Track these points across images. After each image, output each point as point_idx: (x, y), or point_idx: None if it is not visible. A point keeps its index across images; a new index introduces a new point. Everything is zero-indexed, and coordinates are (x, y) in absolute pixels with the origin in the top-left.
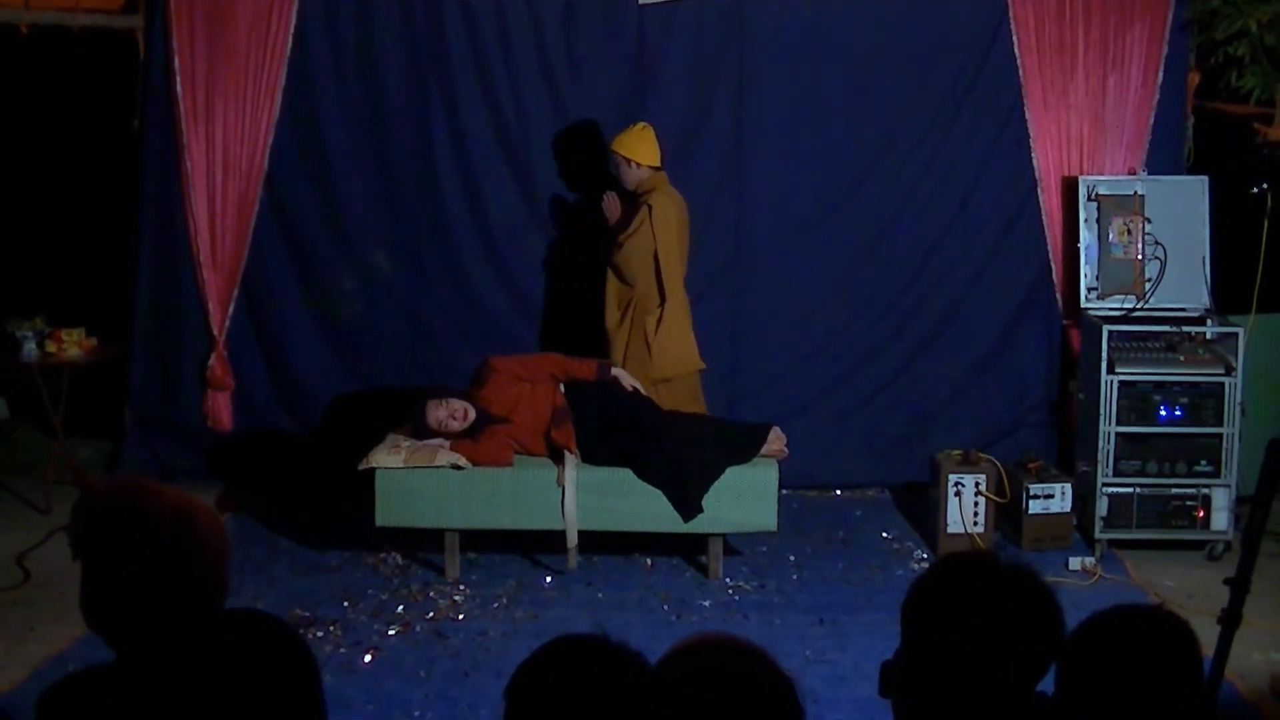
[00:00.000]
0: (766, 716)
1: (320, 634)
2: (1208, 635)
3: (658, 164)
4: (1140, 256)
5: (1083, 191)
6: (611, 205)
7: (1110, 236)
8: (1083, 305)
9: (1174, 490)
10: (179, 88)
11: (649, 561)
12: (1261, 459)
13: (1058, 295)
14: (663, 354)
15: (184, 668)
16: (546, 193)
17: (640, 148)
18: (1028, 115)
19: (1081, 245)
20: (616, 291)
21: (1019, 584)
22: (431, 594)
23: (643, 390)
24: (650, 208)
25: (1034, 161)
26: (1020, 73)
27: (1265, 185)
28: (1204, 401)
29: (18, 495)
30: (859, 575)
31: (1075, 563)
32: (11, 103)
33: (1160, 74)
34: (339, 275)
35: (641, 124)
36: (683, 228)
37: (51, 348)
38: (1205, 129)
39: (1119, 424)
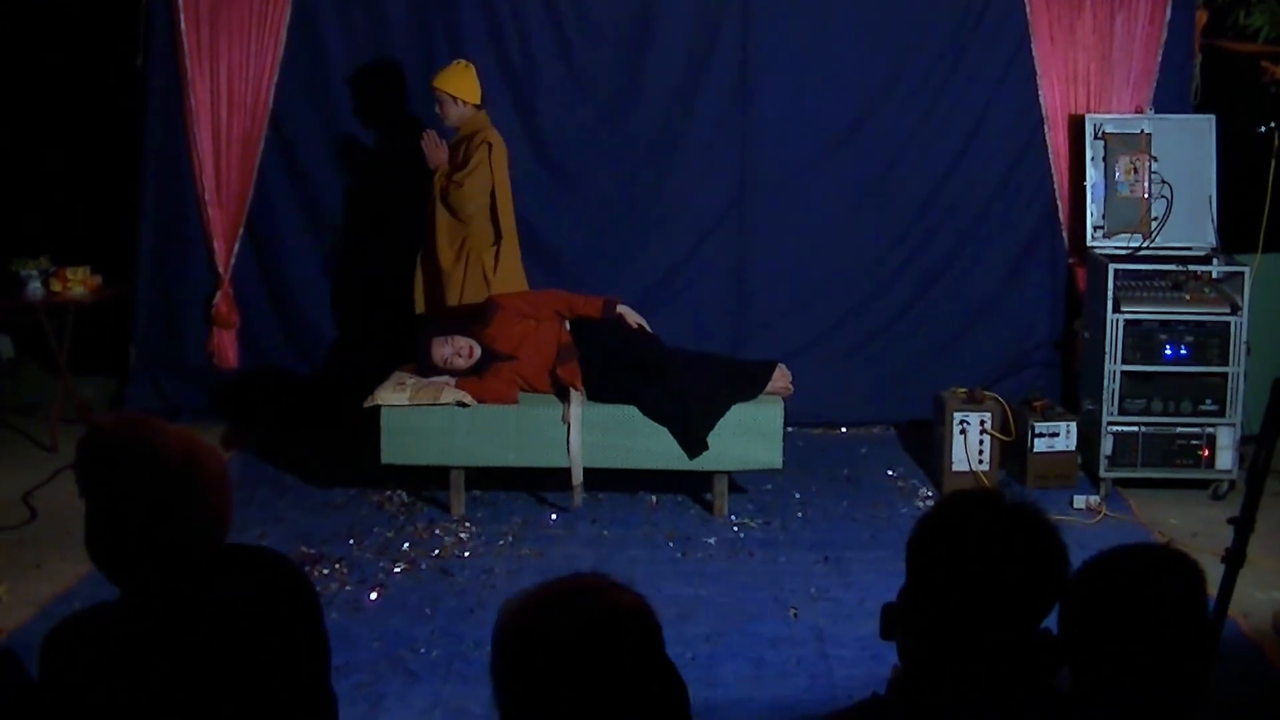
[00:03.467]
0: (615, 644)
1: (326, 571)
2: (1212, 574)
3: (480, 102)
4: (1146, 195)
5: (1089, 129)
6: (432, 144)
7: (1116, 175)
8: (1088, 244)
9: (1179, 429)
10: (183, 25)
11: (654, 499)
12: (1267, 398)
13: (1063, 233)
14: (505, 284)
15: (188, 604)
16: (551, 129)
17: (465, 85)
18: (1034, 53)
19: (1087, 183)
20: (449, 229)
21: (1023, 521)
22: (437, 531)
23: (648, 327)
24: (490, 145)
25: (1040, 99)
26: (1027, 10)
27: (1272, 124)
28: (1209, 340)
29: (23, 434)
30: (864, 513)
31: (1080, 501)
32: (14, 40)
33: (1168, 12)
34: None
35: (463, 61)
36: None
37: (56, 286)
38: (1212, 67)
39: (1124, 363)
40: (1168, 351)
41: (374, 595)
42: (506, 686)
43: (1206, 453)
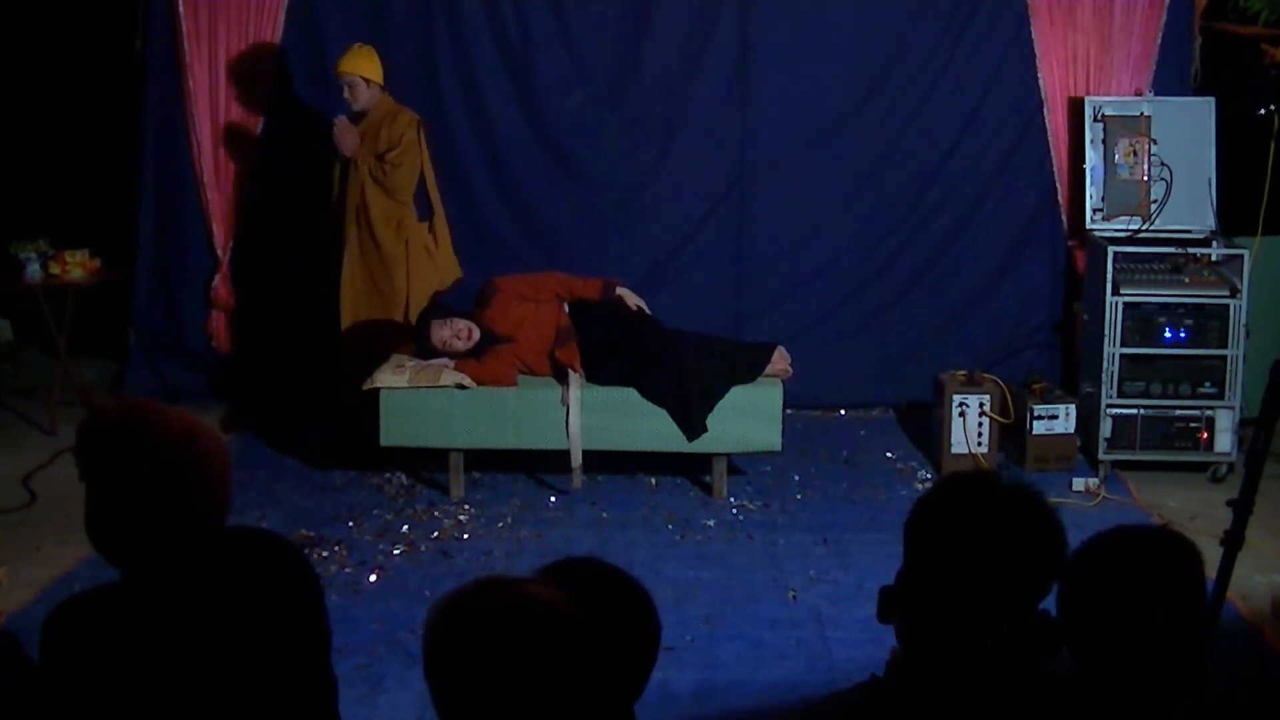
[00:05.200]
0: (521, 641)
1: (325, 554)
2: (1210, 557)
3: (383, 82)
4: (1146, 178)
5: (1089, 112)
6: (346, 131)
7: (1116, 157)
8: (1088, 226)
9: (1178, 412)
10: (181, 8)
11: (653, 481)
12: (1266, 381)
13: (1063, 216)
14: (445, 265)
15: (188, 586)
16: (551, 111)
17: (373, 66)
18: (1034, 35)
19: (1087, 166)
20: (385, 212)
21: (1022, 503)
22: (436, 514)
23: (647, 309)
24: (419, 123)
25: (1040, 82)
26: None
27: (1272, 107)
28: (1208, 323)
29: (23, 417)
30: (862, 495)
31: (1079, 483)
32: (13, 23)
33: None
34: None
35: (362, 44)
36: None
37: (55, 269)
38: (1212, 50)
39: (1123, 345)
40: (1167, 334)
41: (373, 577)
42: (431, 683)
43: (1205, 435)
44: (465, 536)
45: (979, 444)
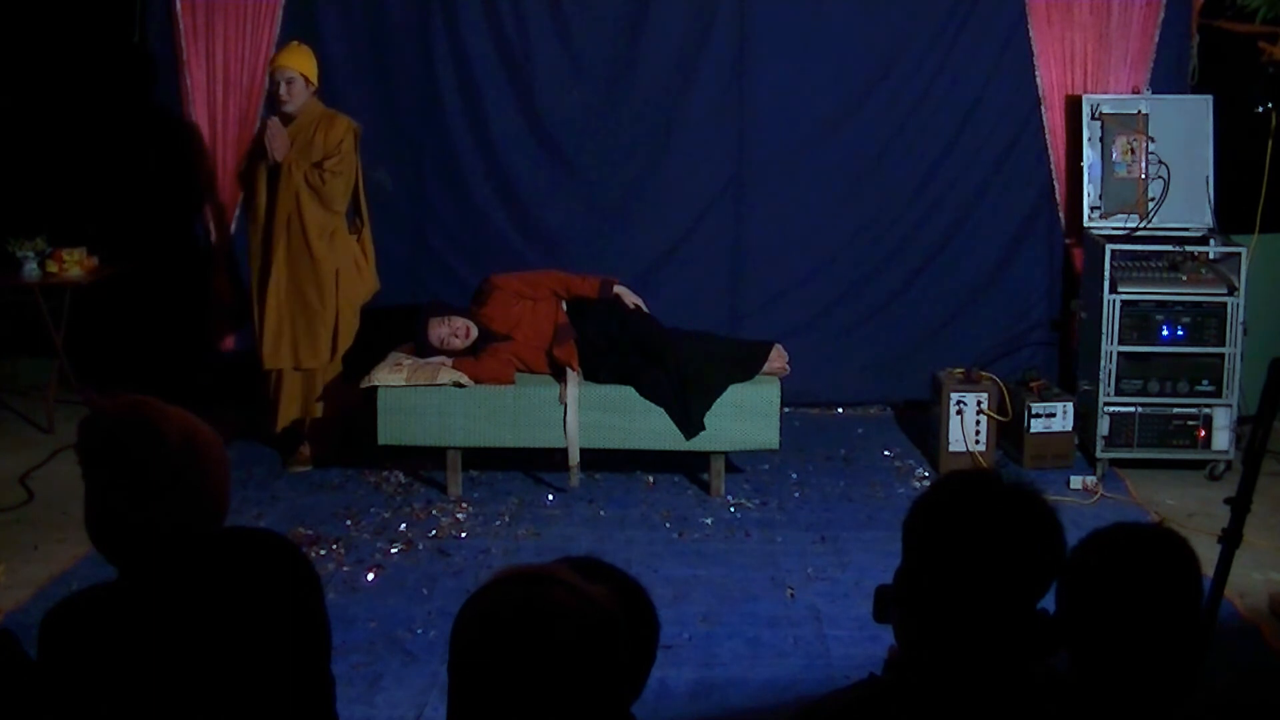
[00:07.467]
0: (558, 638)
1: (323, 552)
2: (1208, 554)
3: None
4: (1144, 175)
5: (1086, 110)
6: (277, 134)
7: (1114, 155)
8: (1085, 224)
9: (1175, 410)
10: (178, 4)
11: (651, 479)
12: (1263, 378)
13: (1060, 214)
14: (371, 274)
15: (187, 585)
16: (548, 109)
17: (312, 65)
18: (1031, 33)
19: (1085, 164)
20: (319, 222)
21: (1021, 502)
22: (434, 512)
23: (645, 307)
24: (358, 131)
25: (1037, 79)
26: None
27: (1270, 104)
28: (1206, 321)
29: (20, 415)
30: (860, 493)
31: (1076, 481)
32: (11, 19)
33: None
34: None
35: (302, 43)
36: None
37: (53, 267)
38: (1210, 47)
39: (1121, 343)
40: (1164, 332)
41: (371, 575)
42: (450, 669)
43: (1203, 433)
44: (463, 535)
45: (977, 442)
